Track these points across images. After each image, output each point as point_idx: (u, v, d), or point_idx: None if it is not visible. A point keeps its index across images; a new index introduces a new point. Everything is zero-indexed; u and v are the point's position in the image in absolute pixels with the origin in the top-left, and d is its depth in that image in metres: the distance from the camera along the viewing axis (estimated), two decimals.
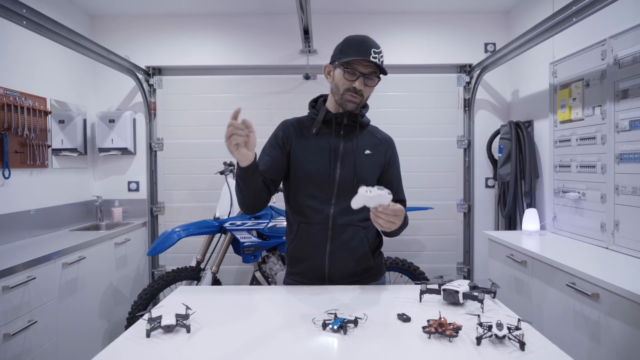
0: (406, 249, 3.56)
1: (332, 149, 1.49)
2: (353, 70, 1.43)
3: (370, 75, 1.45)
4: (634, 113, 2.04)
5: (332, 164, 1.48)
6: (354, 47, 1.43)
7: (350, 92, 1.44)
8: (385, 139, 1.61)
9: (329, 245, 1.48)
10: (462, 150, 3.58)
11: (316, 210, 1.48)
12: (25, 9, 1.99)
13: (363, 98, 1.48)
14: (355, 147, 1.51)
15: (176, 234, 2.72)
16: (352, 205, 1.21)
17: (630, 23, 2.08)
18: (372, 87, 1.49)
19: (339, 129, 1.52)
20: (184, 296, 1.43)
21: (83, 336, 2.59)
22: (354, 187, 1.44)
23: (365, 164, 1.51)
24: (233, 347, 1.03)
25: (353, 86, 1.43)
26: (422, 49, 3.55)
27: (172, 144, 3.57)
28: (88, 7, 3.37)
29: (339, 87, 1.46)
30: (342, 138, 1.52)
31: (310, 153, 1.50)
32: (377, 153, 1.55)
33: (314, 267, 1.51)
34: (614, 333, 1.62)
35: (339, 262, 1.50)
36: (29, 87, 2.77)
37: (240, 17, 3.53)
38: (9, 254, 2.26)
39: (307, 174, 1.49)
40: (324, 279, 1.52)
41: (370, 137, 1.58)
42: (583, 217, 2.45)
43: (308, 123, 1.56)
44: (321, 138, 1.51)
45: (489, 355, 0.98)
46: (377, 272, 1.59)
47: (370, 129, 1.62)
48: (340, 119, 1.51)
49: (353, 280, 1.53)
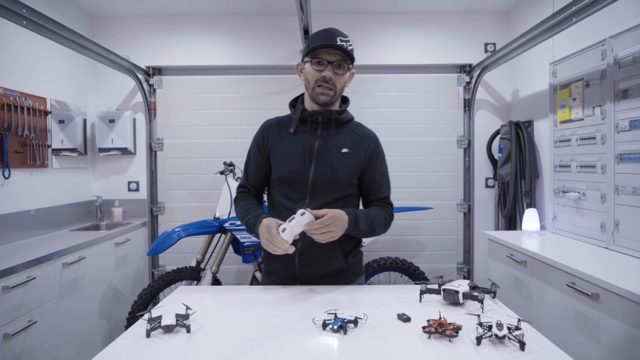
0: (406, 249, 3.56)
1: (306, 148, 1.47)
2: (320, 60, 1.40)
3: (339, 63, 1.41)
4: (634, 113, 2.04)
5: (307, 164, 1.46)
6: (319, 37, 1.42)
7: (319, 84, 1.42)
8: (367, 136, 1.55)
9: (300, 243, 1.45)
10: (462, 150, 3.58)
11: (289, 209, 1.45)
12: (25, 9, 1.99)
13: (336, 89, 1.44)
14: (331, 146, 1.48)
15: (176, 234, 2.72)
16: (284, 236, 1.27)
17: (630, 23, 2.08)
18: (343, 76, 1.44)
19: (316, 127, 1.49)
20: (184, 296, 1.43)
21: (83, 336, 2.58)
22: (329, 186, 1.45)
23: (341, 163, 1.46)
24: (233, 347, 1.03)
25: (322, 75, 1.41)
26: (422, 49, 3.55)
27: (172, 144, 3.57)
28: (88, 7, 3.37)
29: (310, 81, 1.44)
30: (318, 136, 1.49)
31: (286, 153, 1.49)
32: (356, 151, 1.49)
33: (285, 266, 1.50)
34: (614, 333, 1.62)
35: (308, 261, 1.48)
36: (29, 87, 2.77)
37: (240, 17, 3.53)
38: (9, 254, 2.26)
39: (282, 174, 1.49)
40: (295, 278, 1.50)
41: (351, 134, 1.53)
42: (583, 217, 2.44)
43: (287, 122, 1.54)
44: (298, 137, 1.49)
45: (489, 355, 0.98)
46: (352, 274, 1.55)
47: (353, 126, 1.56)
48: (315, 116, 1.48)
49: (324, 281, 1.50)
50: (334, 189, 1.46)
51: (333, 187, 1.46)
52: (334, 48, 1.39)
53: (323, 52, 1.40)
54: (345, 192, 1.49)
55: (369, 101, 3.52)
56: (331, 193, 1.46)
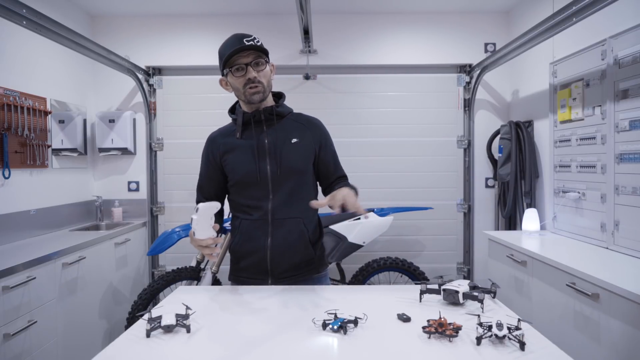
0: (406, 249, 3.56)
1: (257, 147, 1.51)
2: (239, 65, 1.44)
3: (255, 61, 1.45)
4: (634, 113, 2.04)
5: (261, 162, 1.50)
6: (227, 47, 1.45)
7: (248, 86, 1.46)
8: (310, 122, 1.61)
9: (270, 239, 1.51)
10: (462, 150, 3.58)
11: (255, 207, 1.52)
12: (25, 9, 1.99)
13: (264, 85, 1.48)
14: (281, 139, 1.52)
15: (176, 234, 2.72)
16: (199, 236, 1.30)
17: (630, 23, 2.08)
18: (265, 71, 1.48)
19: (260, 125, 1.54)
20: (184, 296, 1.43)
21: (83, 336, 2.58)
22: (288, 177, 1.50)
23: (294, 153, 1.52)
24: (233, 347, 1.03)
25: (247, 78, 1.45)
26: (422, 49, 3.55)
27: (172, 144, 3.57)
28: (88, 7, 3.37)
29: (239, 88, 1.48)
30: (265, 133, 1.53)
31: (239, 158, 1.53)
32: (305, 139, 1.55)
33: (257, 262, 1.54)
34: (614, 333, 1.62)
35: (279, 255, 1.52)
36: (29, 87, 2.77)
37: (240, 17, 3.53)
38: (9, 254, 2.26)
39: (239, 178, 1.53)
40: (266, 273, 1.54)
41: (294, 124, 1.58)
42: (583, 217, 2.44)
43: (231, 130, 1.59)
44: (246, 140, 1.53)
45: (489, 355, 0.98)
46: (319, 264, 1.60)
47: (293, 117, 1.61)
48: (257, 116, 1.52)
49: (295, 273, 1.54)
50: (292, 179, 1.51)
51: (292, 178, 1.51)
52: (245, 50, 1.43)
53: (237, 58, 1.44)
54: (303, 180, 1.55)
55: (369, 101, 3.52)
56: (291, 183, 1.51)
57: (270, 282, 1.55)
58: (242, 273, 1.59)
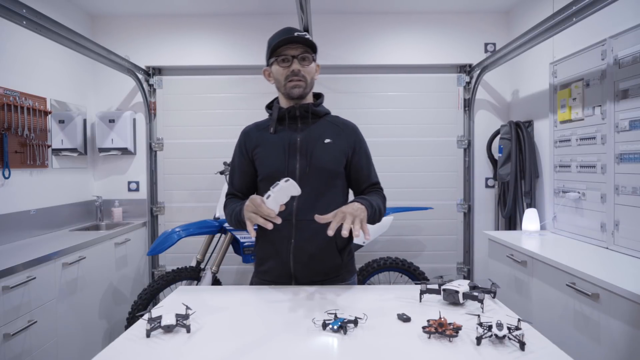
0: (406, 249, 3.56)
1: (290, 144, 1.49)
2: (284, 57, 1.44)
3: (303, 55, 1.45)
4: (634, 113, 2.04)
5: (291, 159, 1.48)
6: (277, 36, 1.45)
7: (290, 78, 1.45)
8: (346, 126, 1.58)
9: (294, 240, 1.46)
10: (462, 150, 3.58)
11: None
12: (25, 9, 1.99)
13: (306, 80, 1.47)
14: (314, 138, 1.50)
15: (176, 234, 2.72)
16: (269, 204, 1.23)
17: (630, 23, 2.08)
18: (310, 67, 1.48)
19: (295, 122, 1.52)
20: (184, 296, 1.43)
21: (83, 336, 2.59)
22: (317, 178, 1.46)
23: (326, 153, 1.48)
24: (233, 347, 1.03)
25: (291, 70, 1.44)
26: (422, 49, 3.55)
27: (172, 144, 3.57)
28: (88, 7, 3.37)
29: (280, 80, 1.47)
30: (299, 131, 1.51)
31: (270, 152, 1.50)
32: (338, 140, 1.52)
33: (280, 264, 1.50)
34: (614, 333, 1.62)
35: (304, 258, 1.47)
36: (29, 87, 2.77)
37: (240, 17, 3.53)
38: (9, 254, 2.26)
39: (268, 174, 1.49)
40: (290, 276, 1.50)
41: (330, 125, 1.55)
42: (583, 217, 2.44)
43: (266, 124, 1.57)
44: (279, 135, 1.51)
45: (489, 355, 0.98)
46: (346, 271, 1.55)
47: (330, 119, 1.59)
48: (292, 112, 1.50)
49: (320, 279, 1.49)
50: (321, 180, 1.48)
51: (321, 178, 1.48)
52: (295, 42, 1.42)
53: (285, 49, 1.44)
54: (332, 183, 1.51)
55: (369, 101, 3.52)
56: (319, 184, 1.47)
57: None
58: (266, 276, 1.54)
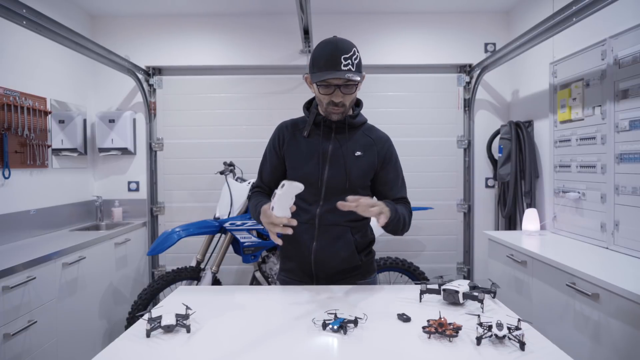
0: (406, 249, 3.56)
1: (321, 151, 1.50)
2: (327, 84, 1.40)
3: (346, 84, 1.40)
4: (634, 113, 2.04)
5: (321, 167, 1.50)
6: (323, 61, 1.37)
7: (331, 106, 1.44)
8: (379, 139, 1.58)
9: (315, 243, 1.51)
10: (462, 150, 3.58)
11: (304, 210, 1.51)
12: (25, 9, 1.99)
13: (346, 107, 1.46)
14: (345, 150, 1.51)
15: (176, 234, 2.72)
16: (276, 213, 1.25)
17: (630, 23, 2.08)
18: (352, 94, 1.45)
19: (329, 131, 1.53)
20: (184, 296, 1.43)
21: (83, 336, 2.58)
22: (343, 189, 1.48)
23: (355, 166, 1.51)
24: (233, 347, 1.03)
25: (331, 100, 1.42)
26: (422, 49, 3.55)
27: (172, 144, 3.57)
28: (88, 7, 3.37)
29: (321, 101, 1.47)
30: (332, 140, 1.52)
31: (300, 156, 1.52)
32: (368, 154, 1.53)
33: (301, 264, 1.55)
34: (614, 333, 1.62)
35: (324, 259, 1.53)
36: (29, 87, 2.77)
37: (240, 17, 3.53)
38: (9, 254, 2.26)
39: (297, 177, 1.50)
40: (311, 276, 1.56)
41: (363, 137, 1.56)
42: (583, 217, 2.44)
43: (302, 125, 1.57)
44: (312, 140, 1.53)
45: (489, 355, 0.98)
46: (365, 271, 1.60)
47: (366, 129, 1.59)
48: (329, 121, 1.51)
49: (340, 278, 1.55)
50: (347, 191, 1.48)
51: (346, 190, 1.48)
52: (339, 78, 1.36)
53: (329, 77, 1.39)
54: (357, 193, 1.50)
55: (369, 101, 3.44)
56: (344, 195, 1.46)
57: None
58: (289, 274, 1.61)
